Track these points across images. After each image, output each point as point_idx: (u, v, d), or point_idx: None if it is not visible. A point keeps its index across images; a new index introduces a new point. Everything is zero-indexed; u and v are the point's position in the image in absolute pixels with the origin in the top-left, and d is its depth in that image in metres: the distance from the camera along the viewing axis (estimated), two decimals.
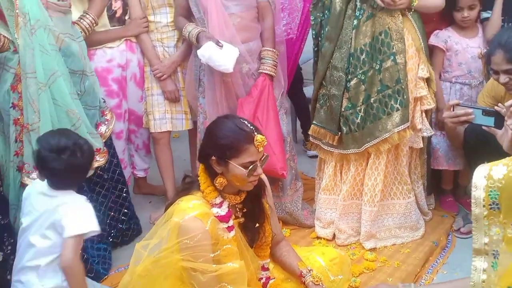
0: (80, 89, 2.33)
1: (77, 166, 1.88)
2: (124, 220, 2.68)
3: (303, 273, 1.90)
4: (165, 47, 2.79)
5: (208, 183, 1.76)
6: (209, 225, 1.69)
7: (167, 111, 2.87)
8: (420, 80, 2.54)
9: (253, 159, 1.71)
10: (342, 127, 2.57)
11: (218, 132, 1.73)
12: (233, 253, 1.75)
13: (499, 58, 2.19)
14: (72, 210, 1.86)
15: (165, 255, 1.73)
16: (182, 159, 3.51)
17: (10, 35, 2.12)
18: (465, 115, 2.19)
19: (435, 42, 2.74)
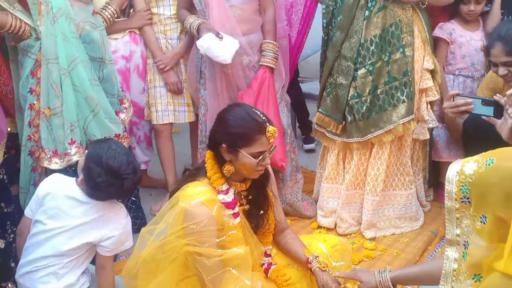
0: (98, 75, 2.37)
1: (130, 191, 1.91)
2: (132, 208, 2.70)
3: (310, 260, 1.91)
4: (168, 39, 2.82)
5: (215, 170, 1.77)
6: (215, 211, 1.71)
7: (169, 103, 2.89)
8: (425, 72, 2.59)
9: (263, 149, 1.72)
10: (347, 116, 2.61)
11: (230, 121, 1.73)
12: (238, 239, 1.77)
13: (498, 50, 2.23)
14: (118, 229, 1.86)
15: (171, 240, 1.73)
16: (183, 153, 3.53)
17: (33, 22, 2.16)
18: (465, 105, 2.23)
19: (440, 34, 2.78)
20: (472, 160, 1.22)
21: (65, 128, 2.21)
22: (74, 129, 2.24)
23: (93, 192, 1.84)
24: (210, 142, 1.81)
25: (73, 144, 2.25)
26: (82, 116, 2.29)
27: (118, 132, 2.41)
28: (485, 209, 1.18)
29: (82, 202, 1.85)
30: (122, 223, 1.91)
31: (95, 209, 1.85)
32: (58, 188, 1.88)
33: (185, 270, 1.82)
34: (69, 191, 1.86)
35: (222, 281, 1.73)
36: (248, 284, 1.75)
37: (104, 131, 2.36)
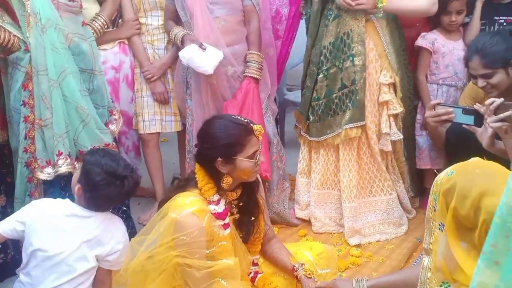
0: (88, 87, 2.39)
1: (131, 192, 1.91)
2: (123, 217, 2.70)
3: (296, 267, 1.94)
4: (155, 49, 2.85)
5: (206, 181, 1.78)
6: (205, 221, 1.72)
7: (156, 112, 2.91)
8: (383, 86, 2.63)
9: (256, 148, 1.77)
10: (310, 116, 2.77)
11: (218, 134, 1.76)
12: (227, 250, 1.79)
13: (476, 63, 2.28)
14: (121, 242, 1.89)
15: (160, 251, 1.75)
16: (171, 162, 3.54)
17: (22, 35, 2.18)
18: (446, 114, 2.28)
19: (422, 43, 2.82)
20: (444, 171, 1.29)
21: (54, 139, 2.23)
22: (62, 140, 2.25)
23: (92, 196, 1.82)
24: (201, 161, 1.81)
25: (60, 155, 2.26)
26: (73, 127, 2.30)
27: (108, 141, 2.43)
28: (442, 218, 1.24)
29: (84, 217, 1.85)
30: (124, 236, 1.93)
31: (98, 223, 1.86)
32: (54, 210, 1.86)
33: (173, 280, 1.84)
34: (68, 210, 1.85)
35: None
36: None
37: (95, 141, 2.38)
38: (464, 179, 1.22)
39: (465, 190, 1.19)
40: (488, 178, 1.20)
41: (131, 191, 1.92)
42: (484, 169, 1.25)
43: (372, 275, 2.41)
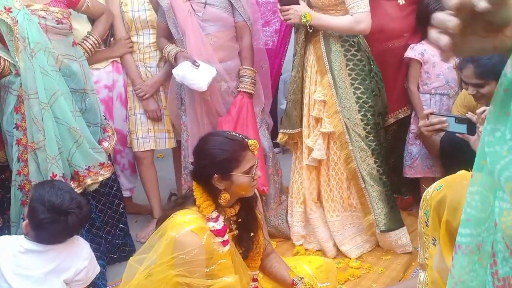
0: (81, 106, 2.41)
1: (76, 228, 1.89)
2: (120, 235, 2.71)
3: (295, 282, 1.92)
4: (147, 67, 2.86)
5: (204, 198, 1.77)
6: (205, 239, 1.71)
7: (150, 130, 2.91)
8: (316, 102, 2.58)
9: (252, 163, 1.77)
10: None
11: (213, 150, 1.76)
12: (227, 267, 1.77)
13: (469, 72, 2.29)
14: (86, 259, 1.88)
15: (160, 270, 1.73)
16: (168, 178, 3.53)
17: (11, 59, 2.19)
18: (439, 123, 2.29)
19: (412, 55, 2.84)
20: (433, 185, 1.31)
21: (47, 162, 2.23)
22: (55, 162, 2.25)
23: (38, 233, 1.80)
24: (198, 178, 1.80)
25: (55, 177, 2.26)
26: (66, 148, 2.31)
27: (103, 160, 2.45)
28: (434, 232, 1.26)
29: (40, 251, 1.82)
30: (87, 252, 1.91)
31: (56, 253, 1.83)
32: (9, 249, 1.83)
33: None
34: (22, 247, 1.82)
35: None
36: None
37: (89, 161, 2.39)
38: (453, 191, 1.23)
39: (455, 202, 1.21)
40: None
41: (78, 227, 1.90)
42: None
43: (372, 287, 2.40)
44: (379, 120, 2.65)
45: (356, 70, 2.57)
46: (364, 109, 2.57)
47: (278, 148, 3.86)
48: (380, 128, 2.66)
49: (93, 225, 2.52)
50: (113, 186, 2.63)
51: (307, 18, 2.40)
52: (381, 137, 2.66)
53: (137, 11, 2.77)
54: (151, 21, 2.79)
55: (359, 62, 2.56)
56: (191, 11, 2.57)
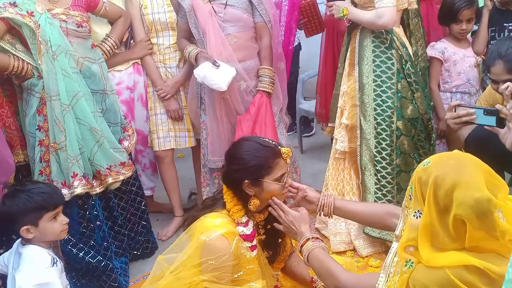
0: (101, 107, 2.45)
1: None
2: (142, 232, 2.76)
3: (314, 279, 1.93)
4: (167, 67, 2.89)
5: (235, 202, 1.78)
6: (234, 245, 1.71)
7: (170, 129, 2.95)
8: (344, 93, 2.69)
9: (284, 171, 1.76)
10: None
11: (245, 155, 1.75)
12: (254, 272, 1.77)
13: (499, 69, 2.20)
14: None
15: (188, 274, 1.73)
16: (188, 177, 3.57)
17: (34, 62, 2.24)
18: (467, 115, 2.15)
19: (432, 53, 2.82)
20: (424, 160, 1.36)
21: (68, 161, 2.28)
22: (76, 162, 2.30)
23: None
24: (229, 182, 1.80)
25: (75, 177, 2.31)
26: (87, 148, 2.36)
27: (123, 160, 2.49)
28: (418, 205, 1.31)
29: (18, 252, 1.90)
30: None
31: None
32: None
33: None
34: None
35: None
36: None
37: (110, 160, 2.43)
38: (438, 169, 1.27)
39: (439, 180, 1.25)
40: (461, 169, 1.26)
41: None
42: (458, 160, 1.30)
43: None
44: (401, 124, 2.54)
45: (382, 67, 2.56)
46: (380, 108, 2.55)
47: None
48: (398, 131, 2.55)
49: (115, 223, 2.57)
50: (135, 184, 2.67)
51: (344, 12, 2.54)
52: (394, 140, 2.55)
53: (157, 13, 2.81)
54: (171, 23, 2.82)
55: (387, 60, 2.55)
56: (212, 12, 2.60)
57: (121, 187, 2.56)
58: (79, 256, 2.40)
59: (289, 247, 1.97)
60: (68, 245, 2.38)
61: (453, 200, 1.22)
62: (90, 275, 2.45)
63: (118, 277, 2.48)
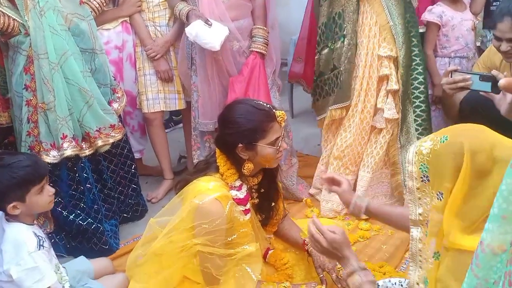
0: (90, 67, 2.37)
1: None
2: (132, 195, 2.74)
3: (306, 241, 1.95)
4: (156, 26, 2.80)
5: (228, 166, 1.75)
6: (227, 209, 1.69)
7: (160, 91, 2.88)
8: (384, 59, 2.56)
9: (278, 135, 1.72)
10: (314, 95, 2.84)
11: (239, 119, 1.70)
12: (248, 236, 1.77)
13: (507, 26, 2.16)
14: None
15: (182, 238, 1.72)
16: (177, 140, 3.54)
17: (21, 18, 2.15)
18: (462, 81, 2.13)
19: (430, 18, 2.76)
20: (428, 139, 1.27)
21: (57, 123, 2.22)
22: (66, 123, 2.25)
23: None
24: (222, 146, 1.76)
25: (65, 138, 2.26)
26: (77, 109, 2.30)
27: (113, 122, 2.44)
28: (440, 186, 1.24)
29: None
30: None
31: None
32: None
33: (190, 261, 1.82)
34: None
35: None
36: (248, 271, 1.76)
37: (99, 122, 2.38)
38: (466, 137, 1.22)
39: (475, 146, 1.20)
40: (485, 132, 1.24)
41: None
42: (473, 127, 1.27)
43: (382, 248, 2.43)
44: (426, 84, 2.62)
45: (415, 29, 2.56)
46: (416, 71, 2.56)
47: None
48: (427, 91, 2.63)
49: (105, 186, 2.54)
50: (125, 147, 2.63)
51: None
52: (428, 101, 2.63)
53: None
54: None
55: (414, 17, 2.56)
56: None
57: (111, 150, 2.52)
58: (69, 219, 2.38)
59: (282, 210, 1.97)
60: (58, 207, 2.35)
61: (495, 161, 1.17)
62: (80, 238, 2.44)
63: (108, 239, 2.47)
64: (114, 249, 2.49)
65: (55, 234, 2.41)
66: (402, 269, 2.31)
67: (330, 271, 1.89)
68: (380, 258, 2.34)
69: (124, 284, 1.98)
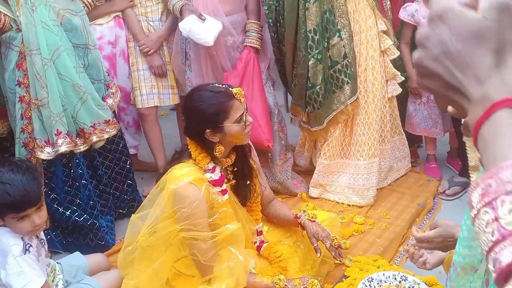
0: (83, 62, 2.37)
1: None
2: (128, 190, 2.74)
3: (298, 215, 1.99)
4: (149, 21, 2.79)
5: (199, 150, 1.79)
6: (203, 190, 1.73)
7: (153, 86, 2.88)
8: (382, 34, 2.68)
9: (241, 111, 1.76)
10: (307, 106, 2.73)
11: (201, 106, 1.74)
12: (229, 216, 1.81)
13: None
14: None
15: (164, 225, 1.76)
16: (172, 136, 3.54)
17: (12, 14, 2.13)
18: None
19: (403, 16, 2.80)
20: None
21: (51, 119, 2.22)
22: (59, 120, 2.24)
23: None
24: (192, 135, 1.81)
25: (59, 135, 2.26)
26: (71, 105, 2.29)
27: (108, 118, 2.43)
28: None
29: None
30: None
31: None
32: None
33: (179, 253, 1.87)
34: None
35: (216, 258, 1.78)
36: (241, 260, 1.80)
37: (94, 118, 2.38)
38: None
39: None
40: None
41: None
42: None
43: (376, 242, 2.44)
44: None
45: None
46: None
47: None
48: None
49: (100, 182, 2.54)
50: (120, 143, 2.63)
51: None
52: None
53: None
54: None
55: None
56: None
57: (105, 146, 2.52)
58: (65, 215, 2.39)
59: (259, 191, 2.00)
60: (54, 203, 2.35)
61: None
62: (76, 234, 2.44)
63: (104, 235, 2.48)
64: (110, 245, 2.49)
65: (51, 231, 2.41)
66: (396, 262, 2.32)
67: (324, 240, 1.93)
68: (374, 251, 2.36)
69: (119, 281, 1.99)
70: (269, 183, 2.75)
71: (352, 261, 2.25)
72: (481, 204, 0.47)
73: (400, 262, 2.33)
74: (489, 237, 0.45)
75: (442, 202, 2.81)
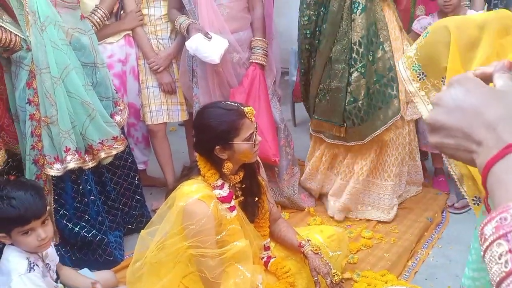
0: (92, 80, 2.41)
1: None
2: (136, 206, 2.76)
3: (302, 244, 1.98)
4: (159, 39, 2.84)
5: (208, 167, 1.81)
6: (212, 207, 1.74)
7: (163, 102, 2.92)
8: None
9: (251, 130, 1.78)
10: (345, 121, 2.63)
11: (211, 123, 1.77)
12: (237, 232, 1.82)
13: None
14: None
15: (173, 242, 1.77)
16: (181, 151, 3.56)
17: (22, 33, 2.19)
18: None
19: (416, 29, 2.82)
20: (413, 44, 1.31)
21: (60, 136, 2.25)
22: (68, 136, 2.28)
23: None
24: (201, 150, 1.83)
25: (68, 151, 2.29)
26: (79, 122, 2.33)
27: (116, 134, 2.46)
28: (439, 72, 1.25)
29: None
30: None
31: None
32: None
33: (187, 268, 1.88)
34: None
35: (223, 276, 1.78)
36: (248, 277, 1.80)
37: (102, 135, 2.41)
38: (450, 21, 1.24)
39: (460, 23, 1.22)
40: (467, 16, 1.29)
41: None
42: (453, 17, 1.32)
43: (384, 256, 2.43)
44: None
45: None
46: None
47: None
48: None
49: (109, 197, 2.57)
50: (128, 159, 2.66)
51: None
52: None
53: None
54: None
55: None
56: None
57: (114, 162, 2.55)
58: (74, 231, 2.41)
59: (267, 208, 2.00)
60: (63, 220, 2.38)
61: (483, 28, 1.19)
62: (85, 249, 2.46)
63: (113, 251, 2.50)
64: (119, 261, 2.51)
65: (61, 247, 2.43)
66: (404, 277, 2.31)
67: (325, 276, 1.91)
68: (382, 266, 2.35)
69: None
70: (277, 198, 2.76)
71: (360, 276, 2.25)
72: (494, 236, 0.48)
73: (409, 277, 2.31)
74: (502, 268, 0.46)
75: (451, 216, 2.80)
